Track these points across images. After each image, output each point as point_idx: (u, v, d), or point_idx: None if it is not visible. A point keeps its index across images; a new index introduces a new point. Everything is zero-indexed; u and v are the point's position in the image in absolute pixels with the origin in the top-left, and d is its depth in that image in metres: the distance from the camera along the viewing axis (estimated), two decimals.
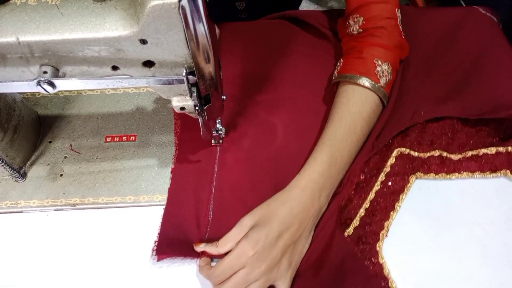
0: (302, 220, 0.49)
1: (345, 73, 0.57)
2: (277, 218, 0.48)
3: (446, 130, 0.59)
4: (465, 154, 0.57)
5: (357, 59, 0.57)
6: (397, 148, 0.58)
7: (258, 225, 0.48)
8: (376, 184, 0.55)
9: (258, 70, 0.67)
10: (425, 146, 0.58)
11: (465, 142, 0.58)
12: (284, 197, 0.50)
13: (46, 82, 0.38)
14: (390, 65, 0.57)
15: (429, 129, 0.59)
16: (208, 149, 0.59)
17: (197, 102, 0.44)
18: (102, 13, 0.36)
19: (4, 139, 0.54)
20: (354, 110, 0.55)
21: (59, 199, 0.56)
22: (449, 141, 0.58)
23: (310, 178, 0.51)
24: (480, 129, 0.59)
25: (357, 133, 0.54)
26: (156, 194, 0.56)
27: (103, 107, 0.64)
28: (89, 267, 0.52)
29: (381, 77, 0.56)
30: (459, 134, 0.59)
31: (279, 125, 0.61)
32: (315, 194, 0.50)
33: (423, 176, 0.56)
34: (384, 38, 0.57)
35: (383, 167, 0.57)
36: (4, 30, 0.36)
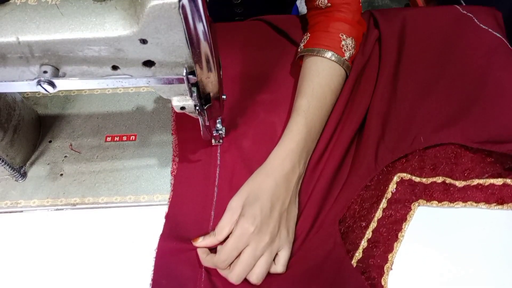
0: (287, 188, 0.51)
1: (312, 47, 0.60)
2: (265, 191, 0.50)
3: (449, 154, 0.56)
4: (470, 182, 0.55)
5: (324, 32, 0.60)
6: (398, 174, 0.56)
7: (250, 202, 0.49)
8: (378, 211, 0.54)
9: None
10: (428, 171, 0.56)
11: (470, 167, 0.55)
12: (266, 170, 0.52)
13: (46, 82, 0.38)
14: (354, 39, 0.60)
15: (430, 153, 0.57)
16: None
17: (197, 102, 0.44)
18: (102, 13, 0.36)
19: (4, 139, 0.54)
20: (324, 83, 0.58)
21: (59, 199, 0.56)
22: (452, 166, 0.56)
23: (289, 148, 0.53)
24: (487, 156, 0.56)
25: (327, 104, 0.58)
26: (156, 194, 0.56)
27: (103, 107, 0.64)
28: (89, 267, 0.52)
29: (345, 51, 0.59)
30: (463, 158, 0.56)
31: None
32: (295, 163, 0.52)
33: (425, 204, 0.54)
34: (349, 14, 0.60)
35: (384, 193, 0.55)
36: (4, 30, 0.36)
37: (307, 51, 0.60)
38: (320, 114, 0.57)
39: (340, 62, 0.59)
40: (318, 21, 0.62)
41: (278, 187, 0.50)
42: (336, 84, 0.59)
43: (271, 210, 0.49)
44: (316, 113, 0.56)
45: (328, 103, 0.58)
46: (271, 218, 0.49)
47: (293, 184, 0.52)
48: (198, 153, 0.59)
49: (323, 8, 0.62)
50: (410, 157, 0.57)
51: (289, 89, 0.65)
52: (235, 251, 0.48)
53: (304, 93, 0.57)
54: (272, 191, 0.50)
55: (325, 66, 0.59)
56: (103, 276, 0.51)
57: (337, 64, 0.59)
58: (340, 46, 0.59)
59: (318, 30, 0.61)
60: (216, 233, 0.50)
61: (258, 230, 0.48)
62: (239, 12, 0.79)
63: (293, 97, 0.63)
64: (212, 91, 0.43)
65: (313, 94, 0.57)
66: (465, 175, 0.55)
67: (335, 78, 0.59)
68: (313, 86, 0.57)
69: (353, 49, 0.61)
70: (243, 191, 0.51)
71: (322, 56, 0.59)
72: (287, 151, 0.53)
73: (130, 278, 0.51)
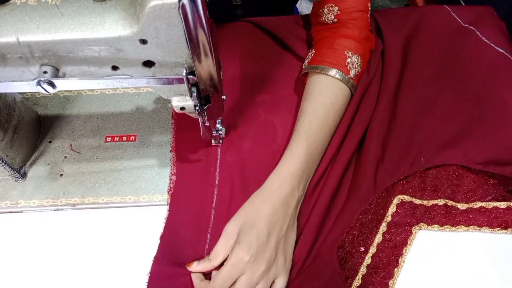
0: (285, 213, 0.50)
1: (317, 64, 0.58)
2: (262, 218, 0.48)
3: (450, 176, 0.54)
4: (473, 204, 0.53)
5: (329, 49, 0.58)
6: (398, 196, 0.54)
7: (246, 229, 0.48)
8: (377, 235, 0.52)
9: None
10: (429, 193, 0.54)
11: (472, 189, 0.53)
12: (264, 194, 0.51)
13: (46, 82, 0.38)
14: (360, 57, 0.58)
15: (431, 174, 0.54)
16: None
17: (197, 102, 0.44)
18: (102, 13, 0.36)
19: (4, 139, 0.54)
20: (328, 102, 0.56)
21: (59, 199, 0.56)
22: (454, 188, 0.54)
23: (288, 171, 0.51)
24: (489, 177, 0.54)
25: (330, 125, 0.56)
26: (156, 194, 0.56)
27: (103, 107, 0.64)
28: (89, 267, 0.52)
29: (351, 69, 0.57)
30: (465, 180, 0.54)
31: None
32: (294, 187, 0.51)
33: (426, 227, 0.53)
34: (356, 30, 0.58)
35: (384, 216, 0.53)
36: (4, 30, 0.36)
37: (311, 68, 0.59)
38: (322, 135, 0.55)
39: (344, 80, 0.57)
40: (323, 37, 0.60)
41: (276, 213, 0.49)
42: (341, 104, 0.57)
43: (268, 237, 0.48)
44: (318, 134, 0.54)
45: (331, 123, 0.56)
46: (267, 245, 0.47)
47: (292, 209, 0.51)
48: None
49: (329, 24, 0.60)
50: (411, 178, 0.55)
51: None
52: (230, 280, 0.46)
53: (306, 113, 0.55)
54: (270, 217, 0.48)
55: (329, 84, 0.57)
56: (103, 276, 0.51)
57: (342, 82, 0.57)
58: (345, 64, 0.57)
59: (323, 46, 0.59)
60: (211, 258, 0.48)
61: (253, 258, 0.46)
62: (240, 14, 0.79)
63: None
64: (212, 91, 0.43)
65: (315, 114, 0.55)
66: (467, 197, 0.53)
67: (339, 97, 0.57)
68: (316, 106, 0.56)
69: (359, 67, 0.58)
70: (240, 216, 0.50)
71: (326, 74, 0.57)
72: (287, 174, 0.51)
73: (130, 278, 0.51)
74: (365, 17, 0.59)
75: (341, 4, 0.58)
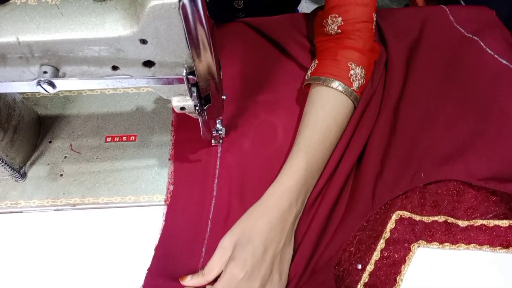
0: (283, 229, 0.49)
1: (319, 75, 0.57)
2: (258, 233, 0.47)
3: (451, 191, 0.52)
4: (474, 222, 0.51)
5: (332, 61, 0.57)
6: (397, 211, 0.52)
7: (241, 244, 0.47)
8: (375, 252, 0.51)
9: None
10: (428, 209, 0.52)
11: (473, 206, 0.52)
12: (261, 208, 0.50)
13: (46, 82, 0.38)
14: (364, 68, 0.57)
15: (431, 189, 0.53)
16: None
17: (197, 102, 0.44)
18: (102, 13, 0.36)
19: (4, 139, 0.54)
20: (329, 115, 0.55)
21: (59, 199, 0.56)
22: (454, 204, 0.52)
23: (287, 186, 0.50)
24: (491, 194, 0.52)
25: (331, 138, 0.55)
26: (156, 194, 0.56)
27: (103, 107, 0.64)
28: (89, 267, 0.52)
29: (354, 81, 0.56)
30: (466, 196, 0.52)
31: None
32: (292, 202, 0.50)
33: (426, 245, 0.51)
34: (360, 42, 0.57)
35: (382, 233, 0.51)
36: (4, 30, 0.36)
37: (313, 79, 0.57)
38: (322, 149, 0.54)
39: (347, 92, 0.55)
40: (326, 48, 0.59)
41: (273, 229, 0.48)
42: (343, 117, 0.56)
43: (264, 253, 0.47)
44: (318, 148, 0.53)
45: (332, 137, 0.55)
46: (263, 262, 0.46)
47: (289, 224, 0.50)
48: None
49: (333, 35, 0.59)
50: (410, 193, 0.53)
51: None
52: None
53: (307, 126, 0.54)
54: (266, 233, 0.47)
55: (331, 97, 0.56)
56: (104, 277, 0.51)
57: (344, 95, 0.55)
58: (348, 76, 0.55)
59: (326, 57, 0.58)
60: (205, 273, 0.48)
61: (248, 276, 0.45)
62: (241, 16, 0.79)
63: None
64: (212, 91, 0.43)
65: (316, 127, 0.54)
66: (468, 214, 0.52)
67: (341, 110, 0.56)
68: (317, 119, 0.54)
69: (363, 79, 0.57)
70: (236, 230, 0.49)
71: (328, 85, 0.55)
72: (285, 189, 0.50)
73: (130, 278, 0.51)
74: (369, 28, 0.58)
75: (345, 15, 0.56)
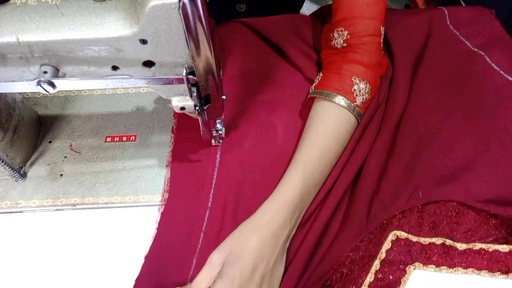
0: (274, 248, 0.47)
1: (322, 89, 0.56)
2: (249, 250, 0.46)
3: (450, 212, 0.50)
4: (472, 245, 0.49)
5: (335, 74, 0.56)
6: (394, 231, 0.50)
7: (230, 262, 0.46)
8: (369, 274, 0.48)
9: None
10: (426, 230, 0.50)
11: (472, 228, 0.50)
12: (254, 224, 0.48)
13: (46, 82, 0.38)
14: (369, 83, 0.55)
15: (430, 209, 0.51)
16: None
17: (197, 102, 0.44)
18: (102, 13, 0.36)
19: (4, 139, 0.54)
20: (329, 130, 0.53)
21: (59, 199, 0.56)
22: (453, 225, 0.50)
23: (281, 203, 0.49)
24: (491, 216, 0.50)
25: (331, 155, 0.53)
26: (156, 194, 0.56)
27: (103, 107, 0.64)
28: (89, 267, 0.52)
29: (357, 96, 0.54)
30: (465, 217, 0.50)
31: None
32: (286, 220, 0.49)
33: (422, 267, 0.49)
34: (366, 56, 0.55)
35: (378, 253, 0.49)
36: (4, 30, 0.36)
37: (316, 93, 0.56)
38: (321, 165, 0.52)
39: (350, 108, 0.54)
40: (331, 61, 0.58)
41: (264, 247, 0.47)
42: (344, 133, 0.54)
43: (253, 273, 0.46)
44: (316, 164, 0.52)
45: (332, 153, 0.53)
46: (251, 281, 0.45)
47: (282, 242, 0.48)
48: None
49: (338, 49, 0.57)
50: (408, 213, 0.51)
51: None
52: None
53: (306, 142, 0.53)
54: (257, 251, 0.46)
55: (332, 112, 0.54)
56: (104, 277, 0.51)
57: (347, 110, 0.54)
58: (351, 91, 0.54)
59: (330, 71, 0.57)
60: (193, 287, 0.47)
61: None
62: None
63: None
64: (212, 91, 0.43)
65: (315, 143, 0.52)
66: (467, 236, 0.49)
67: (342, 126, 0.54)
68: (317, 134, 0.53)
69: (367, 94, 0.55)
70: (226, 246, 0.47)
71: (331, 100, 0.54)
72: (279, 206, 0.49)
73: (130, 278, 0.51)
74: (376, 42, 0.56)
75: (351, 28, 0.55)
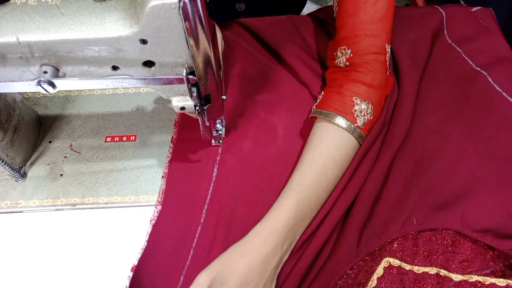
0: (262, 273, 0.46)
1: (322, 109, 0.54)
2: (235, 275, 0.45)
3: (446, 240, 0.48)
4: (468, 277, 0.46)
5: (336, 94, 0.54)
6: (386, 258, 0.47)
7: (217, 283, 0.45)
8: None
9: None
10: (420, 258, 0.47)
11: (469, 258, 0.46)
12: (244, 249, 0.47)
13: (46, 82, 0.38)
14: (371, 104, 0.53)
15: (425, 236, 0.48)
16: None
17: (197, 102, 0.44)
18: (102, 13, 0.36)
19: (4, 139, 0.54)
20: (327, 153, 0.51)
21: (59, 199, 0.56)
22: (449, 255, 0.47)
23: (273, 227, 0.47)
24: (489, 247, 0.47)
25: (328, 178, 0.51)
26: (156, 194, 0.56)
27: (103, 107, 0.64)
28: (89, 267, 0.52)
29: (358, 117, 0.52)
30: (462, 247, 0.47)
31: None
32: (277, 245, 0.47)
33: None
34: (368, 75, 0.53)
35: (368, 281, 0.47)
36: (4, 30, 0.36)
37: (317, 113, 0.54)
38: (317, 189, 0.50)
39: (350, 129, 0.51)
40: (334, 79, 0.56)
41: (251, 272, 0.45)
42: (343, 155, 0.52)
43: None
44: (312, 187, 0.49)
45: (329, 177, 0.51)
46: None
47: (271, 268, 0.47)
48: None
49: (341, 67, 0.55)
50: (402, 239, 0.48)
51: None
52: None
53: (302, 164, 0.51)
54: (244, 276, 0.45)
55: (331, 132, 0.52)
56: (104, 277, 0.51)
57: (346, 131, 0.51)
58: (352, 111, 0.52)
59: (332, 90, 0.55)
60: None
61: None
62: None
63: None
64: (212, 91, 0.43)
65: (311, 165, 0.50)
66: (462, 267, 0.46)
67: (341, 148, 0.52)
68: (314, 156, 0.51)
69: (370, 115, 0.52)
70: (214, 267, 0.46)
71: (330, 121, 0.52)
72: (270, 231, 0.47)
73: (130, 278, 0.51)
74: (381, 60, 0.53)
75: (354, 47, 0.53)
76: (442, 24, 0.66)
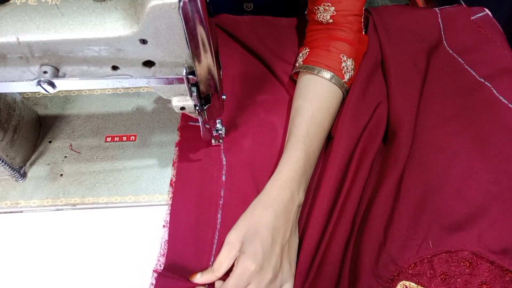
0: (287, 219, 0.49)
1: (312, 64, 0.58)
2: (265, 225, 0.48)
3: (463, 262, 0.46)
4: None
5: (324, 51, 0.58)
6: (403, 281, 0.47)
7: (249, 238, 0.47)
8: None
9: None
10: (437, 281, 0.46)
11: (487, 281, 0.45)
12: (265, 200, 0.50)
13: (46, 82, 0.38)
14: (354, 61, 0.59)
15: (441, 258, 0.47)
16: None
17: (197, 102, 0.44)
18: (102, 13, 0.36)
19: (4, 139, 0.54)
20: (324, 106, 0.56)
21: (59, 199, 0.56)
22: (467, 277, 0.45)
23: (288, 177, 0.51)
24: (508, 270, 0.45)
25: (326, 129, 0.57)
26: (156, 194, 0.56)
27: (103, 107, 0.64)
28: (89, 267, 0.52)
29: (345, 73, 0.58)
30: (479, 268, 0.46)
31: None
32: (294, 192, 0.51)
33: None
34: (351, 34, 0.59)
35: None
36: (4, 30, 0.36)
37: (306, 68, 0.59)
38: (318, 139, 0.55)
39: (340, 85, 0.57)
40: (318, 38, 0.61)
41: (278, 220, 0.48)
42: (335, 108, 0.58)
43: (272, 245, 0.47)
44: (315, 138, 0.55)
45: (326, 128, 0.57)
46: (272, 253, 0.47)
47: (293, 214, 0.50)
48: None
49: (323, 24, 0.60)
50: (417, 262, 0.48)
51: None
52: None
53: (303, 117, 0.55)
54: (273, 225, 0.48)
55: (325, 88, 0.57)
56: (104, 277, 0.51)
57: (337, 86, 0.57)
58: (340, 68, 0.57)
59: (318, 47, 0.60)
60: (214, 269, 0.48)
61: (259, 267, 0.45)
62: None
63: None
64: (212, 91, 0.43)
65: (312, 119, 0.55)
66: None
67: (334, 102, 0.57)
68: (313, 110, 0.56)
69: (353, 71, 0.59)
70: (241, 225, 0.49)
71: (322, 76, 0.57)
72: (286, 180, 0.51)
73: (130, 278, 0.51)
74: (359, 21, 0.60)
75: (337, 5, 0.58)
76: (441, 35, 0.66)
